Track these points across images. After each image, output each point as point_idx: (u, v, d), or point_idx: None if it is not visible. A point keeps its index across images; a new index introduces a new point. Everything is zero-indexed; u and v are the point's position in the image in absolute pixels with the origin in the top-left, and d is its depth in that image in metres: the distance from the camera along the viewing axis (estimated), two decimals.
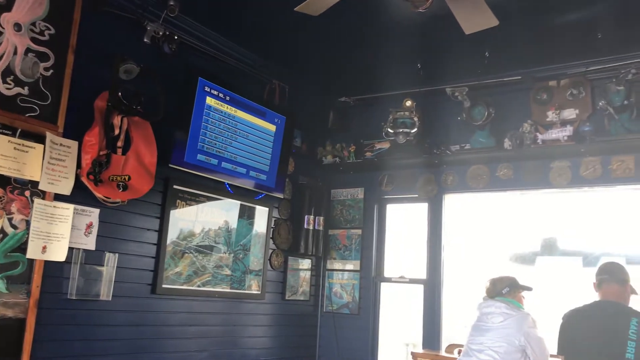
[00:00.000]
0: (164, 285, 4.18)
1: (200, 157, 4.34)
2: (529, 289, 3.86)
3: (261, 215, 5.07)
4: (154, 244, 4.16)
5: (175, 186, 4.30)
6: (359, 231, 5.65)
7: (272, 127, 4.94)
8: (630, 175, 4.44)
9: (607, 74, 4.49)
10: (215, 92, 4.43)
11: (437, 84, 5.12)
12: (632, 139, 4.31)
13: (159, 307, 4.17)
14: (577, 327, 3.25)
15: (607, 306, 3.21)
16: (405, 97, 5.12)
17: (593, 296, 3.61)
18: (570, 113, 4.62)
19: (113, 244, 3.87)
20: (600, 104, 4.40)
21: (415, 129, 5.05)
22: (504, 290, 3.79)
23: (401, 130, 5.07)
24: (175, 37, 4.08)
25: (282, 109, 5.06)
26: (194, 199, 4.47)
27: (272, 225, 5.19)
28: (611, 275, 3.26)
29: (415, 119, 5.06)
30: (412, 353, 4.86)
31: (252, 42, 4.73)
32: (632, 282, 3.40)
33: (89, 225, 3.68)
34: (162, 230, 4.20)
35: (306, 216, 5.34)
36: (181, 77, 4.26)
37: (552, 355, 3.59)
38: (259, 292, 5.00)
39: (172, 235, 4.27)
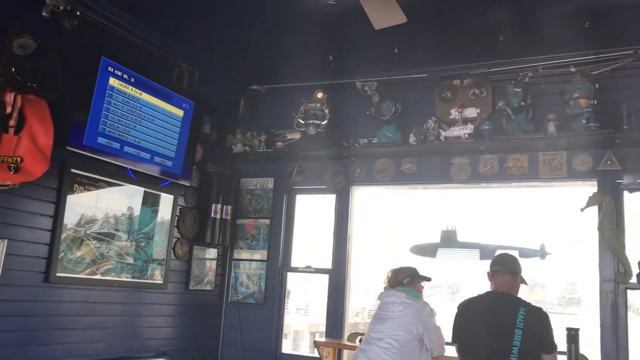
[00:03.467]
0: (58, 274, 3.97)
1: (101, 140, 4.15)
2: (427, 279, 4.00)
3: (166, 202, 4.93)
4: (49, 230, 3.95)
5: (73, 170, 4.09)
6: (268, 221, 5.62)
7: (179, 112, 4.80)
8: (524, 173, 4.71)
9: (506, 76, 4.74)
10: (119, 73, 4.24)
11: (348, 78, 5.20)
12: (527, 138, 4.57)
13: (52, 296, 3.97)
14: (470, 315, 3.39)
15: (498, 296, 3.36)
16: (317, 89, 5.16)
17: (488, 286, 3.80)
18: (471, 112, 4.82)
19: (2, 229, 3.63)
20: (499, 104, 4.64)
21: (325, 121, 5.10)
22: (405, 280, 3.90)
23: (312, 121, 5.10)
24: (78, 13, 3.87)
25: (191, 94, 4.93)
26: (94, 184, 4.27)
27: (177, 214, 5.07)
28: (504, 267, 3.42)
29: (326, 111, 5.10)
30: (315, 342, 4.93)
31: (161, 23, 4.58)
32: (523, 274, 3.61)
33: None
34: (57, 216, 3.98)
35: (213, 205, 5.25)
36: (83, 56, 4.04)
37: (447, 343, 3.74)
38: (162, 282, 4.87)
39: (69, 221, 4.06)
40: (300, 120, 5.14)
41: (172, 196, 4.97)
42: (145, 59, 4.61)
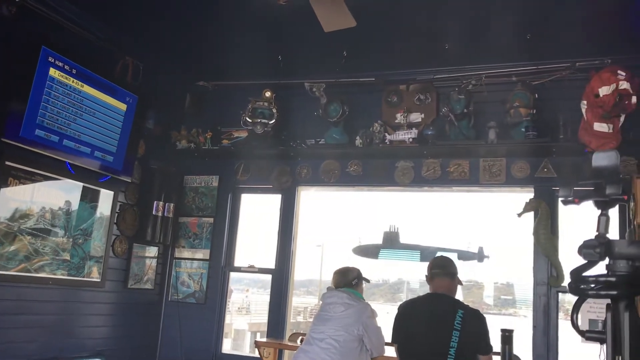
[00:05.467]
0: None
1: (38, 132, 3.99)
2: (367, 281, 4.07)
3: (106, 198, 4.79)
4: None
5: (7, 162, 3.91)
6: (211, 220, 5.55)
7: (122, 106, 4.68)
8: (465, 177, 4.84)
9: (451, 83, 4.84)
10: (60, 64, 4.09)
11: (297, 78, 5.19)
12: (468, 144, 4.70)
13: None
14: (410, 317, 3.45)
15: (437, 298, 3.44)
16: (265, 87, 5.12)
17: (427, 288, 3.89)
18: (416, 117, 4.91)
19: None
20: (443, 110, 4.74)
21: (273, 120, 5.07)
22: (354, 281, 3.95)
23: (259, 120, 5.07)
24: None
25: (135, 88, 4.81)
26: (30, 178, 4.10)
27: (117, 210, 4.93)
28: (442, 269, 3.50)
29: (274, 110, 5.08)
30: (256, 342, 4.90)
31: (106, 15, 4.45)
32: (460, 275, 3.71)
33: None
34: None
35: (155, 202, 5.13)
36: (22, 45, 3.88)
37: (387, 344, 3.80)
38: (99, 280, 4.73)
39: (1, 215, 3.90)
40: (247, 119, 5.09)
41: (112, 192, 4.84)
42: (89, 50, 4.46)
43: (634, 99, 4.02)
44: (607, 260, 1.44)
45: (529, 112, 4.47)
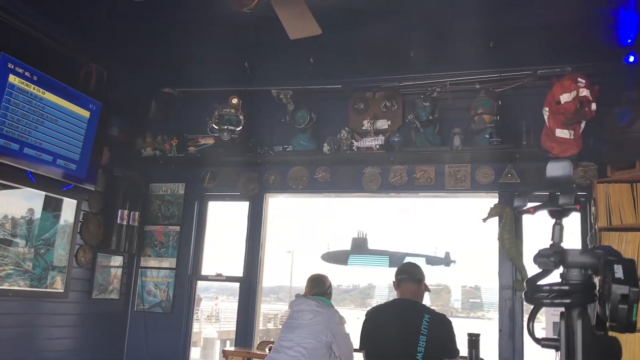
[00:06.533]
0: None
1: None
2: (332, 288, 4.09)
3: (69, 207, 4.70)
4: None
5: None
6: (177, 228, 5.49)
7: (85, 113, 4.59)
8: (431, 184, 4.88)
9: (416, 90, 4.89)
10: (21, 70, 4.00)
11: (264, 85, 5.17)
12: (434, 151, 4.75)
13: None
14: (377, 323, 3.46)
15: (404, 304, 3.46)
16: (232, 94, 5.09)
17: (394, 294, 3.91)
18: (383, 123, 4.94)
19: None
20: (409, 117, 4.78)
21: (240, 127, 5.04)
22: (329, 289, 3.96)
23: (226, 127, 5.02)
24: None
25: (99, 95, 4.73)
26: None
27: (81, 219, 4.83)
28: (409, 275, 3.53)
29: (241, 117, 5.05)
30: (224, 351, 4.86)
31: (69, 21, 4.36)
32: (427, 281, 3.74)
33: None
34: None
35: (120, 211, 5.05)
36: None
37: (355, 350, 3.81)
38: (62, 291, 4.63)
39: None
40: (214, 126, 5.05)
41: (75, 201, 4.75)
42: (51, 57, 4.38)
43: (593, 106, 4.12)
44: (561, 269, 1.47)
45: (493, 119, 4.55)
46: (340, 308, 3.98)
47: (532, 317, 1.57)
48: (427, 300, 3.64)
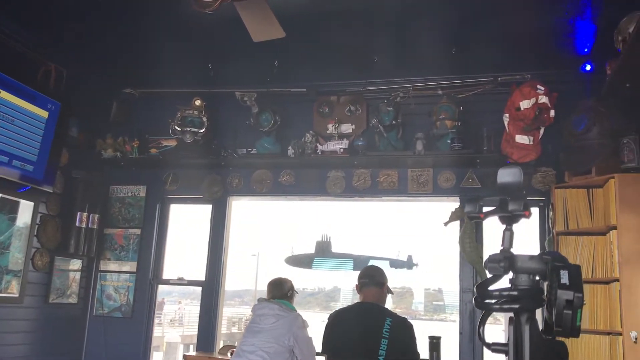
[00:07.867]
0: None
1: None
2: (296, 292, 4.07)
3: (25, 209, 4.57)
4: None
5: None
6: (138, 231, 5.39)
7: (44, 114, 4.48)
8: (394, 187, 4.92)
9: (380, 95, 4.93)
10: None
11: (228, 87, 5.13)
12: (397, 155, 4.79)
13: None
14: (339, 326, 3.47)
15: (366, 307, 3.48)
16: (195, 96, 5.03)
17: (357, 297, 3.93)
18: (347, 127, 4.96)
19: None
20: (372, 121, 4.80)
21: (203, 129, 4.99)
22: (289, 292, 3.95)
23: (189, 129, 4.97)
24: None
25: (58, 95, 4.61)
26: None
27: (38, 222, 4.71)
28: (371, 279, 3.55)
29: (204, 119, 5.00)
30: (185, 356, 4.80)
31: (26, 19, 4.25)
32: (390, 284, 3.77)
33: None
34: None
35: (79, 213, 4.93)
36: None
37: (317, 354, 3.80)
38: (17, 295, 4.50)
39: None
40: (176, 127, 4.98)
41: (32, 203, 4.62)
42: (7, 56, 4.24)
43: (552, 113, 4.22)
44: (510, 275, 1.49)
45: (454, 125, 4.61)
46: (305, 311, 3.98)
47: (483, 322, 1.59)
48: (390, 303, 3.67)
